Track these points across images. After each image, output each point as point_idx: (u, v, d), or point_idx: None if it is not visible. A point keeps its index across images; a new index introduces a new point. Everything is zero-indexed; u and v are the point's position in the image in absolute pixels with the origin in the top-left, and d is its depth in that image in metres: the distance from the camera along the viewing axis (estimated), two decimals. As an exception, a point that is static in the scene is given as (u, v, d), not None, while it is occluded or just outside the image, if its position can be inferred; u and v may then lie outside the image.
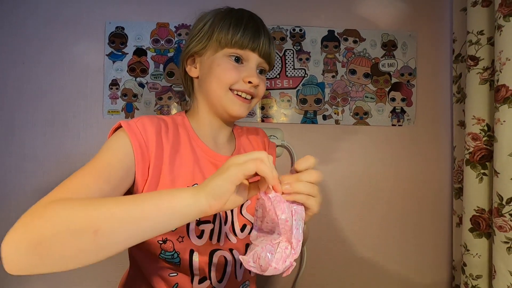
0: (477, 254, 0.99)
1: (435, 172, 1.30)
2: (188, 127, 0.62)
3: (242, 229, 0.61)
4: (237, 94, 0.60)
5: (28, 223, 0.35)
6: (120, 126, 0.54)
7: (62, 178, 0.43)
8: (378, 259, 1.28)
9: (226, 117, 0.63)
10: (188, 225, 0.55)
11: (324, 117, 1.28)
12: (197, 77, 0.64)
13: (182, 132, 0.61)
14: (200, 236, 0.56)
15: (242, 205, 0.62)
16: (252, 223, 0.60)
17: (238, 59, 0.60)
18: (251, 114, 1.27)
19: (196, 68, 0.63)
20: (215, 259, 0.57)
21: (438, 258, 1.28)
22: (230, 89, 0.60)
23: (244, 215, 0.62)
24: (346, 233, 1.27)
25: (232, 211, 0.60)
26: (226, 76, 0.59)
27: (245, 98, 0.61)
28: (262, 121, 1.27)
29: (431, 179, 1.30)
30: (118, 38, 1.22)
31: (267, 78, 1.26)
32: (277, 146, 1.21)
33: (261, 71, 0.64)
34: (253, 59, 0.60)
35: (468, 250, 1.02)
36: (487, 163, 0.98)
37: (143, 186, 0.52)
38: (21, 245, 0.33)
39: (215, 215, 0.57)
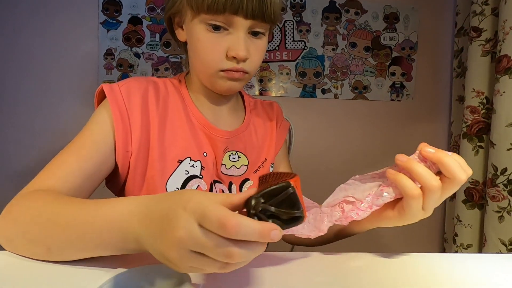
0: (468, 224, 1.01)
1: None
2: (185, 93, 0.54)
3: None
4: (227, 70, 0.48)
5: (5, 217, 0.38)
6: (103, 90, 0.47)
7: (57, 151, 0.44)
8: (372, 232, 1.30)
9: (220, 93, 0.53)
10: None
11: (323, 91, 1.27)
12: (186, 41, 0.53)
13: (176, 98, 0.53)
14: None
15: (241, 185, 0.55)
16: None
17: (218, 28, 0.46)
18: (249, 86, 1.25)
19: (183, 30, 0.52)
20: None
21: (430, 231, 1.32)
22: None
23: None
24: (342, 206, 1.28)
25: (230, 190, 0.54)
26: (207, 57, 0.47)
27: (236, 71, 0.48)
28: (260, 94, 1.26)
29: (427, 154, 1.31)
30: (112, 6, 1.17)
31: (267, 50, 1.24)
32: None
33: (256, 33, 0.48)
34: (237, 24, 0.46)
35: (460, 221, 1.04)
36: (483, 135, 0.99)
37: (128, 161, 0.47)
38: (1, 238, 0.37)
39: (210, 192, 0.51)
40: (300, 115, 1.27)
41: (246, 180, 0.55)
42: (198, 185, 0.49)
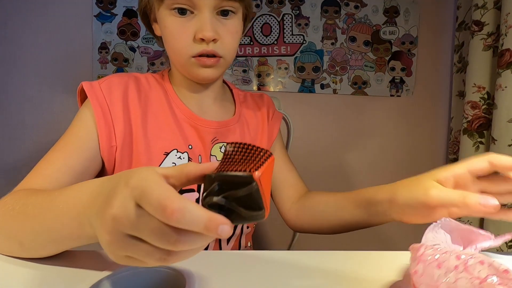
0: (468, 221, 1.00)
1: (431, 144, 1.30)
2: (168, 87, 0.54)
3: None
4: (199, 56, 0.47)
5: None
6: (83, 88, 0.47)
7: (50, 146, 0.45)
8: (370, 228, 1.30)
9: (198, 81, 0.52)
10: None
11: (322, 86, 1.25)
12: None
13: (159, 92, 0.52)
14: None
15: None
16: None
17: (183, 11, 0.45)
18: (247, 81, 1.23)
19: (158, 24, 0.51)
20: None
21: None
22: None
23: None
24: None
25: None
26: (176, 43, 0.46)
27: (208, 56, 0.47)
28: (259, 89, 1.24)
29: (427, 150, 1.30)
30: (106, -2, 1.14)
31: (265, 44, 1.22)
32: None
33: (226, 13, 0.46)
34: (201, 4, 0.44)
35: (459, 218, 1.03)
36: (484, 131, 0.97)
37: (114, 156, 0.47)
38: None
39: (199, 184, 0.48)
40: (299, 110, 1.25)
41: None
42: None
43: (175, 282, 0.29)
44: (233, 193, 0.22)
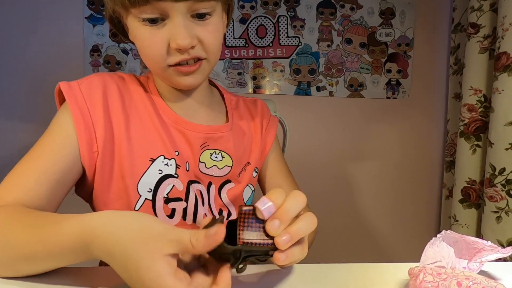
0: (465, 224, 1.00)
1: (427, 146, 1.29)
2: (153, 89, 0.49)
3: (219, 214, 0.51)
4: (178, 65, 0.43)
5: None
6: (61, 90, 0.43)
7: None
8: (367, 230, 1.29)
9: (180, 88, 0.49)
10: (154, 203, 0.46)
11: (318, 89, 1.24)
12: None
13: (143, 95, 0.48)
14: (171, 216, 0.47)
15: (221, 186, 0.51)
16: (229, 209, 0.51)
17: (154, 20, 0.41)
18: (242, 84, 1.22)
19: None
20: None
21: (425, 230, 1.31)
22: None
23: (222, 198, 0.51)
24: (336, 205, 1.27)
25: (208, 191, 0.50)
26: (150, 54, 0.42)
27: (188, 64, 0.43)
28: (254, 92, 1.22)
29: (423, 152, 1.29)
30: (98, -1, 1.12)
31: (260, 47, 1.20)
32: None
33: (202, 15, 0.42)
34: (170, 10, 0.40)
35: (457, 221, 1.03)
36: (481, 134, 0.97)
37: (95, 162, 0.43)
38: None
39: (187, 192, 0.47)
40: (295, 113, 1.24)
41: (227, 182, 0.51)
42: (174, 185, 0.46)
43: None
44: (254, 253, 0.29)
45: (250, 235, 0.28)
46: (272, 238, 0.29)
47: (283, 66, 1.22)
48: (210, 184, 0.50)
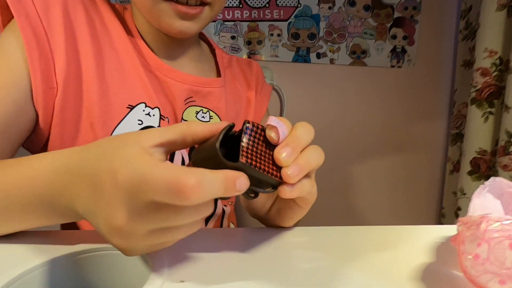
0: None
1: (432, 118, 1.22)
2: (131, 25, 0.40)
3: None
4: (174, 1, 0.34)
5: None
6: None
7: None
8: (366, 205, 1.24)
9: (169, 34, 0.39)
10: None
11: (318, 55, 1.15)
12: None
13: (116, 23, 0.38)
14: None
15: None
16: None
17: None
18: (236, 49, 1.12)
19: None
20: None
21: (428, 206, 1.26)
22: None
23: None
24: (336, 178, 1.20)
25: (190, 156, 0.42)
26: None
27: (189, 4, 0.35)
28: (249, 57, 1.12)
29: (427, 125, 1.22)
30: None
31: (256, 8, 1.10)
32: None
33: None
34: None
35: (464, 194, 0.97)
36: (494, 100, 0.90)
37: (53, 102, 0.33)
38: None
39: (172, 153, 0.39)
40: (293, 82, 1.15)
41: None
42: None
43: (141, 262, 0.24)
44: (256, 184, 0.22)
45: (254, 157, 0.22)
46: (278, 168, 0.23)
47: (281, 30, 1.12)
48: (193, 147, 0.42)
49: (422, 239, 0.30)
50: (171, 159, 0.40)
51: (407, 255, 0.27)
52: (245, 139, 0.22)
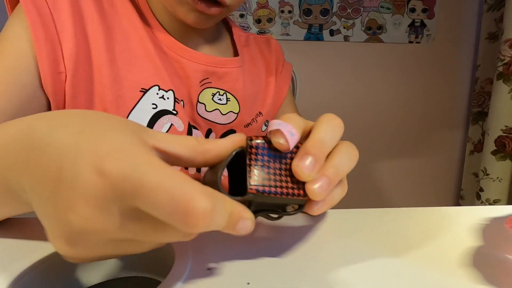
0: (497, 178, 0.90)
1: (452, 96, 1.17)
2: (144, 5, 0.39)
3: None
4: None
5: None
6: None
7: None
8: (381, 187, 1.21)
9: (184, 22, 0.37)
10: None
11: (331, 33, 1.09)
12: None
13: (129, 7, 0.37)
14: None
15: (224, 135, 0.42)
16: None
17: None
18: (245, 28, 1.07)
19: None
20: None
21: (445, 187, 1.22)
22: None
23: None
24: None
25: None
26: None
27: (207, 4, 0.33)
28: (259, 37, 1.08)
29: (447, 104, 1.17)
30: None
31: (264, -17, 1.04)
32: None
33: None
34: None
35: (487, 175, 0.93)
36: (524, 75, 0.84)
37: (63, 86, 0.32)
38: None
39: (189, 135, 0.38)
40: (305, 61, 1.10)
41: (231, 131, 0.41)
42: (172, 124, 0.35)
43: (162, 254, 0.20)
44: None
45: (267, 180, 0.18)
46: (302, 183, 0.19)
47: (292, 6, 1.06)
48: (209, 131, 0.40)
49: (465, 221, 0.27)
50: None
51: (452, 239, 0.25)
52: (251, 162, 0.18)
